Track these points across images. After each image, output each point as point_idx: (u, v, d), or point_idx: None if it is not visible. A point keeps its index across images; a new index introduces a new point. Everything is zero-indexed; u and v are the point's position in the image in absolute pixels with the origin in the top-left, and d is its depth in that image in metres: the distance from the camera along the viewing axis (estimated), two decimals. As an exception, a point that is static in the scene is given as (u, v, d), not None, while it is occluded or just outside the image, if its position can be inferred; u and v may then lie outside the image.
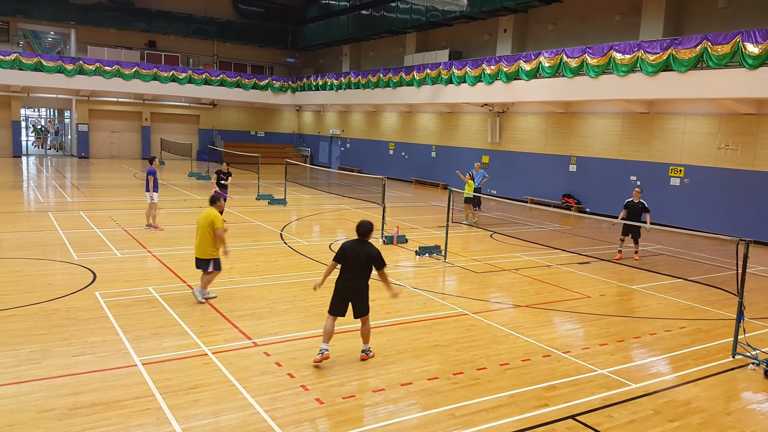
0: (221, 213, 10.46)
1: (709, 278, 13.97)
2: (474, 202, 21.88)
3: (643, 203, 15.35)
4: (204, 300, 10.22)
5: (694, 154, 20.75)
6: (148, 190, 16.56)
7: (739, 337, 8.78)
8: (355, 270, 7.82)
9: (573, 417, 6.68)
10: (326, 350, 7.73)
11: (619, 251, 15.81)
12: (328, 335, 7.81)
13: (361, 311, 7.94)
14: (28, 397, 6.56)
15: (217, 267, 10.28)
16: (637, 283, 13.15)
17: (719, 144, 20.00)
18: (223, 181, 18.85)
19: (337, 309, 7.88)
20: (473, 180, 20.80)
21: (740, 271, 8.54)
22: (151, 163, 17.23)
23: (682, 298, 12.11)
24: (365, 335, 8.08)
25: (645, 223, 14.65)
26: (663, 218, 20.01)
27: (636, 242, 15.64)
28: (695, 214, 20.42)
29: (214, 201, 10.47)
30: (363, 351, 8.08)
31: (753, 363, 8.45)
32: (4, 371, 7.18)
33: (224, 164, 19.41)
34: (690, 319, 10.70)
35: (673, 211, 20.77)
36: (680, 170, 21.10)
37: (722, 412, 7.04)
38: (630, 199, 15.54)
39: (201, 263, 10.26)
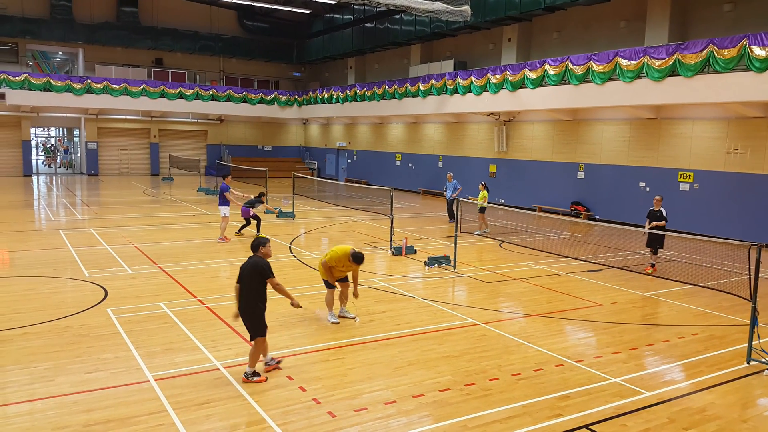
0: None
1: (722, 284, 13.88)
2: (450, 213, 22.04)
3: (662, 211, 14.78)
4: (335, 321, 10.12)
5: (703, 159, 20.68)
6: (221, 204, 17.33)
7: (753, 342, 8.71)
8: (244, 285, 7.60)
9: (587, 426, 6.64)
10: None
11: (651, 264, 15.05)
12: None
13: (251, 331, 7.61)
14: (42, 415, 6.58)
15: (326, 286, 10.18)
16: (649, 290, 13.07)
17: (728, 148, 19.92)
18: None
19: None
20: (487, 190, 20.60)
21: (753, 276, 8.48)
22: (224, 179, 17.75)
23: (695, 304, 12.03)
24: (250, 357, 7.63)
25: (657, 230, 14.30)
26: (673, 224, 19.80)
27: (655, 253, 15.01)
28: (706, 219, 20.31)
29: (358, 260, 9.89)
30: (244, 374, 7.60)
31: (768, 368, 8.39)
32: (19, 389, 7.21)
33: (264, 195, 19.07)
34: (703, 325, 10.63)
35: (683, 217, 20.66)
36: (689, 175, 21.02)
37: (738, 419, 6.97)
38: (652, 208, 15.01)
39: None
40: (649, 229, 14.26)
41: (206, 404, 6.91)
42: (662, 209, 14.87)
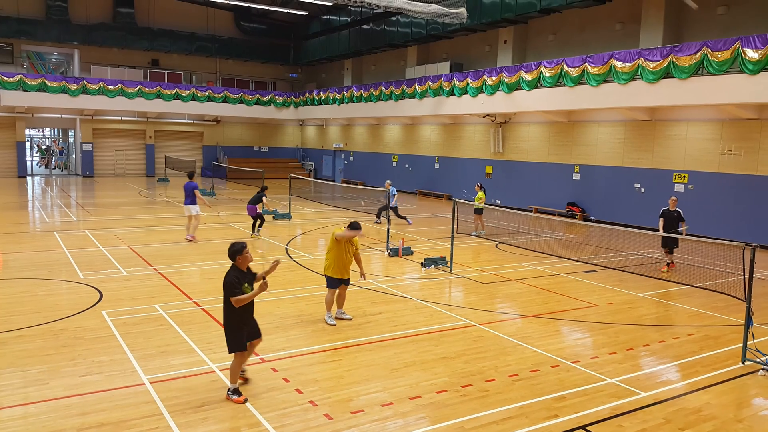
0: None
1: (716, 284, 13.91)
2: (397, 216, 22.13)
3: (680, 212, 14.94)
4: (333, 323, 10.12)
5: (697, 160, 20.73)
6: (190, 203, 17.60)
7: (748, 342, 8.73)
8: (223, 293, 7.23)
9: (583, 427, 6.64)
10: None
11: (667, 264, 15.18)
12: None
13: (227, 344, 7.22)
14: (36, 419, 6.55)
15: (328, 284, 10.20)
16: (644, 291, 13.10)
17: (722, 150, 19.98)
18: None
19: None
20: (483, 191, 20.58)
21: (747, 276, 8.51)
22: (191, 178, 18.08)
23: (690, 304, 12.06)
24: (230, 372, 7.20)
25: (681, 233, 14.29)
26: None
27: (671, 252, 15.12)
28: (700, 220, 20.29)
29: (354, 227, 10.08)
30: (227, 390, 7.18)
31: (763, 369, 8.40)
32: (12, 393, 7.18)
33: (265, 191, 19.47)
34: (698, 325, 10.65)
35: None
36: (684, 176, 21.07)
37: (733, 419, 6.99)
38: (666, 208, 15.14)
39: None
40: (673, 233, 14.25)
41: (202, 407, 6.89)
42: (679, 210, 14.96)
